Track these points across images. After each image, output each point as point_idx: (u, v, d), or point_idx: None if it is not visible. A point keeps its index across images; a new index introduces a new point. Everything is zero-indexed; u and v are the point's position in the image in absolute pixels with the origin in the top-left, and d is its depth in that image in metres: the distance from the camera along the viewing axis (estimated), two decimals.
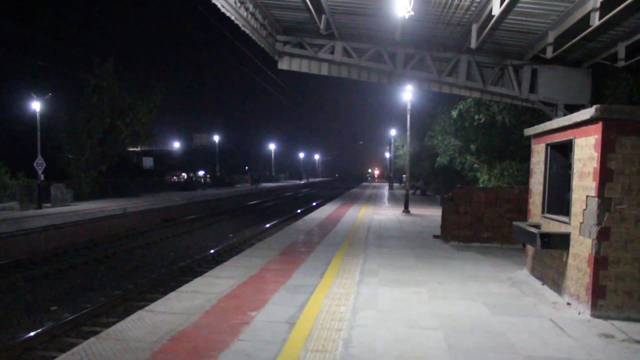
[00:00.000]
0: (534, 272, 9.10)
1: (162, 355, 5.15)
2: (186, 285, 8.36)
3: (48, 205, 24.29)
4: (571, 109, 12.29)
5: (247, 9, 11.74)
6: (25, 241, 17.38)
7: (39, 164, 23.96)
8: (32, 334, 8.61)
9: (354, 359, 5.14)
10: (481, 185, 20.04)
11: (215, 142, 61.34)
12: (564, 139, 7.73)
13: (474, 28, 11.12)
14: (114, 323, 7.10)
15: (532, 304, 7.43)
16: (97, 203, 26.87)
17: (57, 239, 18.72)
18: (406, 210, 23.54)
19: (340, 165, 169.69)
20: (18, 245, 16.98)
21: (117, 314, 10.11)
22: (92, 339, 5.62)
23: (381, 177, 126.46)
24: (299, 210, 32.64)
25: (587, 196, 6.78)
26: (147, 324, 6.10)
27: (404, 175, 49.30)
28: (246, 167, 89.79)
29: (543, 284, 8.50)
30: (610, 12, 8.68)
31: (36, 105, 24.57)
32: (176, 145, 77.32)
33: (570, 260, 7.34)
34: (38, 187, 23.91)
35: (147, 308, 6.92)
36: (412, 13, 9.17)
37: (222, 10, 10.67)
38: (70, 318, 9.47)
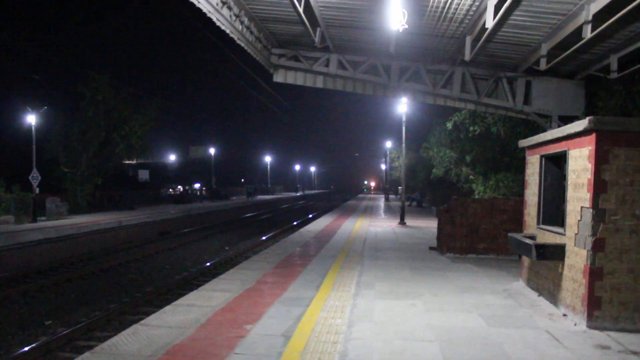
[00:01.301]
0: (529, 283, 9.10)
1: None
2: (182, 298, 8.33)
3: (43, 218, 24.17)
4: (565, 120, 12.38)
5: (242, 23, 11.81)
6: (20, 255, 17.29)
7: (34, 177, 23.87)
8: (26, 348, 8.55)
9: None
10: (477, 197, 20.07)
11: (211, 154, 61.36)
12: (558, 150, 7.77)
13: (468, 40, 11.21)
14: (109, 337, 7.05)
15: (528, 315, 7.43)
16: (93, 216, 26.77)
17: (52, 252, 18.62)
18: (402, 222, 23.54)
19: (336, 177, 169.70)
20: (13, 259, 16.88)
21: (112, 328, 10.06)
22: (87, 354, 5.58)
23: (377, 189, 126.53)
24: (295, 223, 32.61)
25: (581, 207, 6.81)
26: (142, 338, 6.07)
27: (399, 187, 49.36)
28: (242, 180, 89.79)
29: (539, 295, 8.50)
30: (602, 24, 8.78)
31: (32, 119, 24.53)
32: (172, 158, 77.30)
33: (565, 272, 7.35)
34: (33, 201, 23.79)
35: (142, 322, 6.88)
36: (406, 26, 9.25)
37: (217, 23, 10.73)
38: (65, 332, 9.41)
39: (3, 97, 62.54)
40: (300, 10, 10.40)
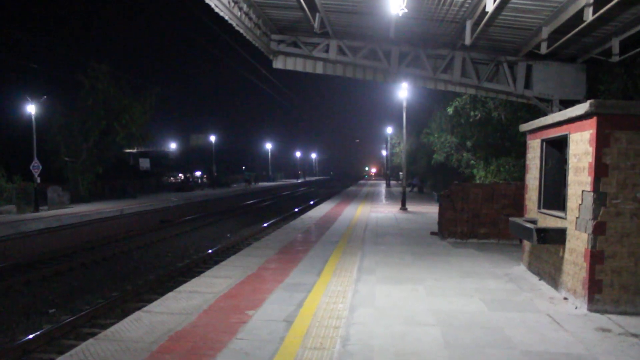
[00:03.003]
0: (530, 267, 9.13)
1: (160, 355, 5.16)
2: (184, 285, 8.36)
3: (45, 208, 24.23)
4: (566, 104, 12.31)
5: (241, 9, 11.72)
6: (23, 244, 17.35)
7: (35, 167, 23.90)
8: (30, 336, 8.61)
9: (352, 356, 5.15)
10: (478, 182, 20.06)
11: (211, 142, 61.28)
12: (559, 134, 7.76)
13: (468, 25, 11.12)
14: (112, 324, 7.10)
15: (529, 299, 7.46)
16: (94, 205, 26.82)
17: (54, 241, 18.68)
18: (403, 208, 23.57)
19: (337, 163, 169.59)
20: (16, 248, 16.94)
21: (116, 315, 10.12)
22: (91, 340, 5.62)
23: (378, 175, 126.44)
24: (296, 209, 32.64)
25: (582, 191, 6.80)
26: (145, 325, 6.10)
27: (400, 173, 49.34)
28: (243, 167, 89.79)
29: (540, 279, 8.52)
30: (603, 7, 8.69)
31: (32, 108, 24.50)
32: (173, 146, 77.24)
33: (566, 255, 7.36)
34: (35, 190, 23.85)
35: (145, 309, 6.92)
36: (406, 10, 9.17)
37: (216, 10, 10.66)
38: (68, 320, 9.47)
39: (3, 86, 62.39)
40: None
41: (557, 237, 7.47)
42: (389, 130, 50.56)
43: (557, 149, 8.33)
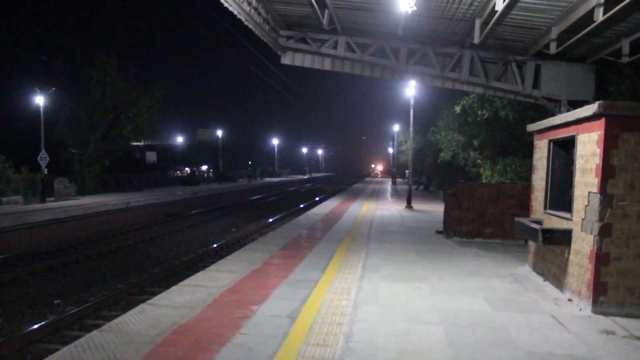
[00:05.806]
0: (535, 268, 9.11)
1: (163, 348, 5.18)
2: (188, 279, 8.39)
3: (52, 199, 24.32)
4: (574, 105, 12.26)
5: (250, 4, 11.73)
6: (29, 235, 17.44)
7: (43, 159, 23.98)
8: (35, 326, 8.66)
9: (355, 353, 5.16)
10: (484, 181, 20.02)
11: (218, 136, 61.43)
12: (567, 135, 7.72)
13: (477, 23, 11.09)
14: (116, 316, 7.14)
15: (533, 299, 7.44)
16: (101, 197, 26.90)
17: (60, 233, 18.78)
18: (409, 206, 23.54)
19: (343, 160, 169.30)
20: (22, 239, 17.04)
21: (120, 307, 10.17)
22: (95, 332, 5.65)
23: (385, 173, 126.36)
24: (301, 205, 32.65)
25: (589, 192, 6.78)
26: (149, 317, 6.13)
27: (406, 171, 49.31)
28: (249, 162, 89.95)
29: (545, 280, 8.50)
30: (614, 7, 8.65)
31: (40, 100, 24.56)
32: (179, 140, 77.56)
33: (571, 257, 7.34)
34: (42, 182, 23.94)
35: (149, 301, 6.95)
36: (415, 8, 9.17)
37: (225, 5, 10.67)
38: (73, 311, 9.52)
39: (11, 79, 62.67)
40: None
41: (562, 238, 7.45)
42: (396, 127, 50.52)
43: (564, 149, 8.29)
